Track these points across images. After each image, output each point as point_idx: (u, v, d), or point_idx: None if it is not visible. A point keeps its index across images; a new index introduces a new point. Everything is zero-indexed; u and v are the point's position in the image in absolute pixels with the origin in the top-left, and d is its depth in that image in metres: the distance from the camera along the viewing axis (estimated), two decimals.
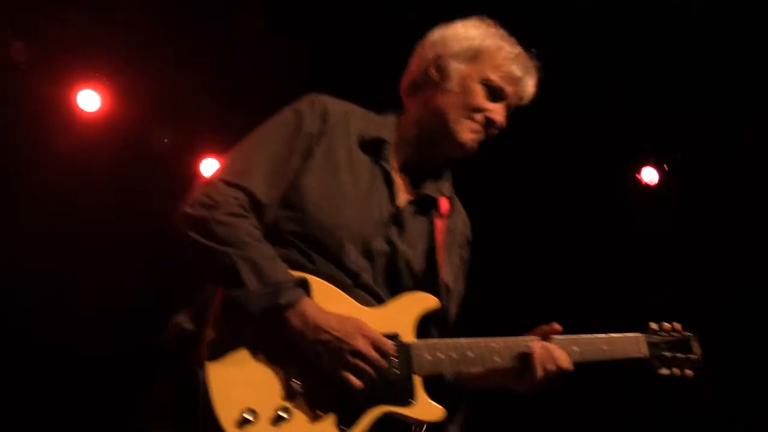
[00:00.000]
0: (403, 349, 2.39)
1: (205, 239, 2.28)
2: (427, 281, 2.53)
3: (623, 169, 6.02)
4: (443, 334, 2.55)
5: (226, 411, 2.20)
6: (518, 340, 2.52)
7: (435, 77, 2.60)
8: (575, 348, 2.56)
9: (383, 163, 2.55)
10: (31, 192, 5.53)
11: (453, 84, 2.58)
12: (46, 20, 5.21)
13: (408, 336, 2.41)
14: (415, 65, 2.67)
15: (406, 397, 2.36)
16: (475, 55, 2.60)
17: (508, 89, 2.61)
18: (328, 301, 2.33)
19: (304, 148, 2.47)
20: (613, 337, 2.66)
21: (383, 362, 2.31)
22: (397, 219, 2.52)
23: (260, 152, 2.44)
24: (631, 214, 5.89)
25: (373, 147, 2.56)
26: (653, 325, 2.75)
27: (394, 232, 2.50)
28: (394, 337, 2.38)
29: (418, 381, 2.38)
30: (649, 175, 5.98)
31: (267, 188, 2.40)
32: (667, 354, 2.73)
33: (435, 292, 2.50)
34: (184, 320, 2.33)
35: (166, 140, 5.73)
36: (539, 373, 2.48)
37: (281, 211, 2.42)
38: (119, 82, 5.52)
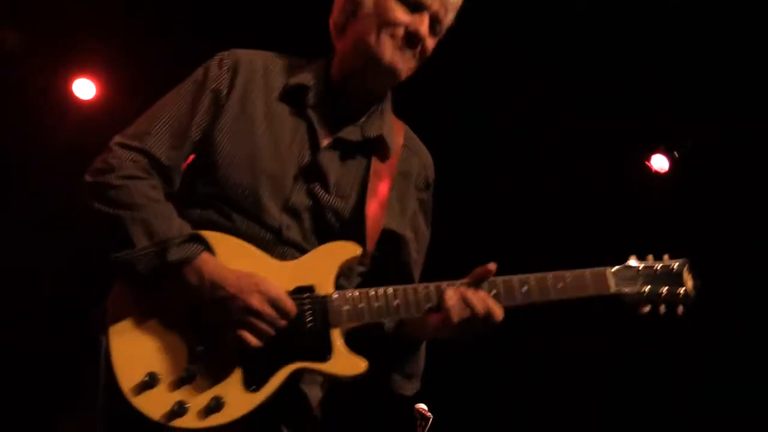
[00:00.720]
0: (318, 301, 2.28)
1: (100, 204, 2.25)
2: (355, 229, 2.39)
3: (633, 157, 6.00)
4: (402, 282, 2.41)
5: (126, 376, 2.18)
6: (444, 283, 2.32)
7: (351, 9, 2.46)
8: (523, 288, 2.31)
9: (307, 111, 2.44)
10: (29, 180, 5.55)
11: (366, 8, 2.43)
12: (40, 8, 5.20)
13: (325, 288, 2.29)
14: (335, 8, 2.54)
15: (322, 352, 2.25)
16: None
17: (428, 0, 2.41)
18: (234, 257, 2.26)
19: (210, 105, 2.39)
20: (571, 273, 2.31)
21: (280, 320, 2.21)
22: (318, 168, 2.40)
23: (162, 114, 2.38)
24: (641, 201, 5.86)
25: (295, 95, 2.44)
26: (633, 259, 2.38)
27: (317, 183, 2.39)
28: (309, 289, 2.29)
29: (336, 334, 2.26)
30: (660, 162, 5.95)
31: (167, 149, 2.34)
32: (645, 289, 2.33)
33: (362, 238, 2.37)
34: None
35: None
36: (453, 319, 2.27)
37: (196, 174, 2.37)
38: (115, 71, 5.51)
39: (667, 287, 2.34)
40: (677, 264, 2.36)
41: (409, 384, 2.50)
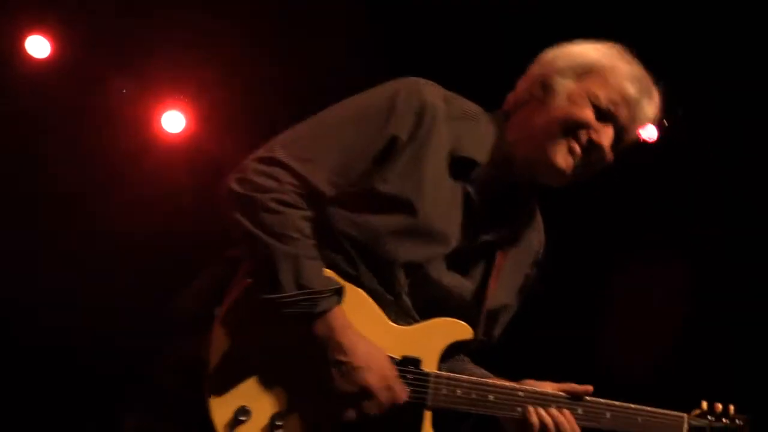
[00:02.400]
0: (422, 377, 2.36)
1: (250, 224, 2.22)
2: (472, 311, 2.48)
3: None
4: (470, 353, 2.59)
5: (220, 407, 2.20)
6: (542, 395, 2.48)
7: (539, 95, 2.47)
8: (607, 415, 2.54)
9: (468, 189, 2.43)
10: None
11: (557, 100, 2.43)
12: None
13: (431, 364, 2.39)
14: (521, 84, 2.55)
15: (411, 429, 2.35)
16: (585, 72, 2.46)
17: (619, 110, 2.44)
18: (356, 312, 2.29)
19: (384, 150, 2.33)
20: (653, 412, 2.63)
21: (388, 407, 2.26)
22: (462, 253, 2.43)
23: (333, 140, 2.32)
24: (628, 172, 5.75)
25: (462, 167, 2.42)
26: (704, 405, 2.71)
27: (457, 266, 2.44)
28: (415, 362, 2.37)
29: (427, 414, 2.37)
30: (648, 131, 5.80)
31: (328, 184, 2.30)
32: None
33: (476, 322, 2.47)
34: (192, 300, 2.34)
35: (124, 90, 5.62)
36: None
37: (340, 209, 2.34)
38: (71, 26, 5.40)
39: None
40: (742, 422, 2.72)
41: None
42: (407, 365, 2.35)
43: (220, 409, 2.20)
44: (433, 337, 2.40)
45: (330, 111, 2.39)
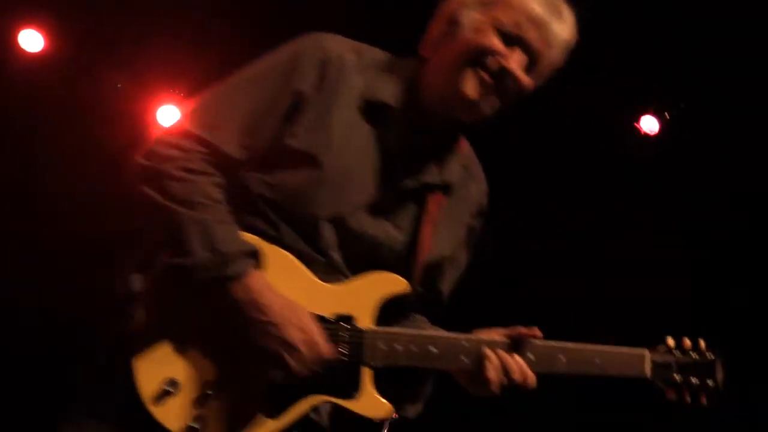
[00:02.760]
0: (356, 334, 2.30)
1: (157, 194, 2.20)
2: (407, 263, 2.42)
3: (620, 118, 5.91)
4: (427, 314, 2.52)
5: (146, 381, 2.19)
6: (485, 341, 2.38)
7: (448, 32, 2.40)
8: (561, 357, 2.42)
9: (389, 137, 2.39)
10: None
11: (464, 32, 2.37)
12: None
13: (365, 320, 2.32)
14: (432, 25, 2.48)
15: (349, 388, 2.29)
16: (490, 1, 2.39)
17: (527, 32, 2.36)
18: (282, 274, 2.26)
19: (290, 107, 2.32)
20: (610, 350, 2.48)
21: (312, 364, 2.22)
22: (387, 201, 2.39)
23: (237, 103, 2.31)
24: (628, 167, 5.80)
25: (376, 113, 2.38)
26: (670, 341, 2.54)
27: (380, 214, 2.39)
28: (348, 319, 2.31)
29: (366, 373, 2.30)
30: (649, 124, 5.86)
31: (237, 147, 2.28)
32: (678, 378, 2.51)
33: (411, 274, 2.40)
34: (121, 284, 2.30)
35: (119, 85, 5.60)
36: (491, 387, 2.35)
37: (255, 173, 2.32)
38: (64, 20, 5.37)
39: (698, 378, 2.51)
40: (712, 356, 2.53)
41: (412, 407, 2.53)
42: (339, 323, 2.30)
43: (147, 383, 2.19)
44: (365, 293, 2.33)
45: (234, 76, 2.36)
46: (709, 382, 2.51)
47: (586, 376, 2.45)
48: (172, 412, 2.19)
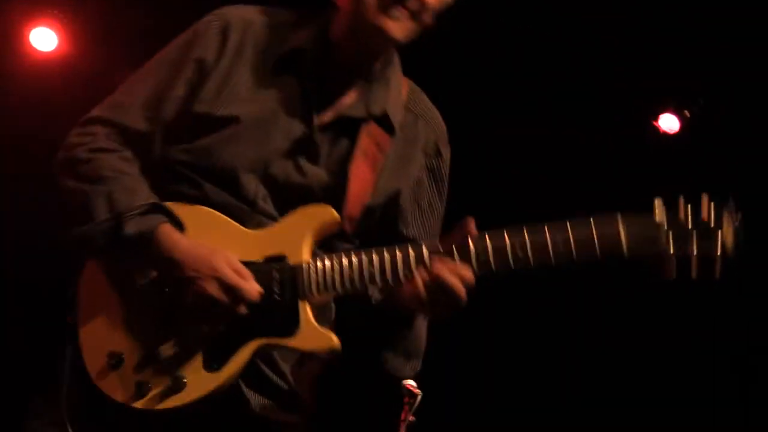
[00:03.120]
0: (287, 270, 2.24)
1: (70, 180, 2.29)
2: (336, 196, 2.34)
3: (639, 116, 5.85)
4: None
5: (92, 357, 2.25)
6: (427, 249, 2.21)
7: None
8: (518, 251, 2.14)
9: (303, 79, 2.37)
10: None
11: None
12: None
13: (297, 256, 2.25)
14: None
15: (288, 326, 2.22)
16: None
17: None
18: (204, 228, 2.26)
19: (193, 75, 2.35)
20: (577, 230, 2.09)
21: (237, 307, 2.18)
22: (310, 142, 2.34)
23: (140, 83, 2.39)
24: (648, 166, 5.72)
25: (289, 63, 2.37)
26: (658, 205, 2.11)
27: (303, 157, 2.34)
28: (279, 258, 2.26)
29: (305, 307, 2.23)
30: (669, 122, 5.81)
31: (142, 120, 2.34)
32: (672, 247, 2.05)
33: (341, 210, 2.31)
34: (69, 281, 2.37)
35: None
36: (424, 296, 2.19)
37: (172, 145, 2.35)
38: (77, 19, 5.35)
39: (698, 244, 2.05)
40: (714, 213, 2.07)
41: (406, 364, 2.43)
42: (268, 264, 2.25)
43: (92, 360, 2.24)
44: (293, 230, 2.28)
45: (143, 66, 2.44)
46: (715, 249, 2.06)
47: (546, 267, 2.12)
48: (116, 383, 2.22)
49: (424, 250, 2.22)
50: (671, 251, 2.07)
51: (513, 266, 2.17)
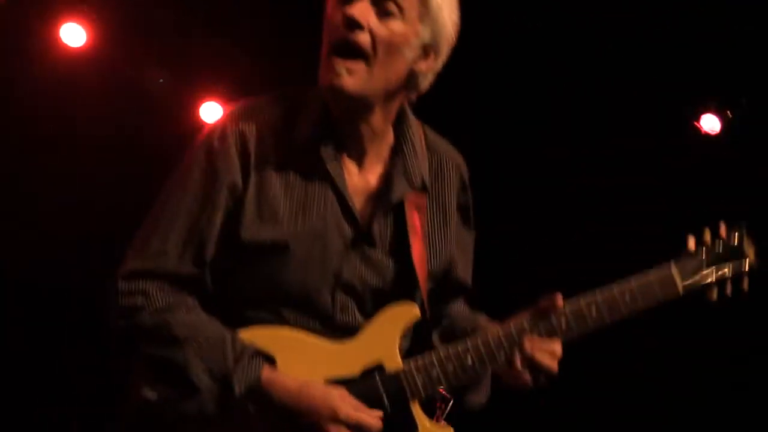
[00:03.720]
0: (391, 380, 2.31)
1: (147, 350, 2.27)
2: (411, 282, 2.41)
3: (679, 116, 5.76)
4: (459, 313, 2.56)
5: None
6: (518, 330, 2.37)
7: None
8: (592, 311, 2.37)
9: (327, 169, 2.35)
10: (10, 137, 5.44)
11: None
12: None
13: (393, 361, 2.33)
14: None
15: (405, 428, 2.32)
16: None
17: None
18: (294, 354, 2.28)
19: (228, 202, 2.31)
20: (637, 281, 2.39)
21: None
22: (364, 236, 2.38)
23: (173, 221, 2.30)
24: (688, 168, 5.67)
25: (308, 152, 2.34)
26: (691, 242, 2.45)
27: (363, 244, 2.38)
28: (378, 368, 2.32)
29: (416, 408, 2.33)
30: (710, 123, 5.70)
31: (190, 264, 2.29)
32: (713, 275, 2.42)
33: (414, 292, 2.40)
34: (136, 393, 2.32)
35: (161, 81, 5.59)
36: (524, 376, 2.37)
37: (230, 280, 2.33)
38: (106, 14, 5.34)
39: (731, 265, 2.42)
40: (737, 235, 2.43)
41: (484, 395, 2.54)
42: (370, 376, 2.31)
43: None
44: (383, 334, 2.34)
45: (163, 196, 2.36)
46: (745, 263, 2.44)
47: (622, 320, 2.38)
48: None
49: (513, 331, 2.36)
50: (713, 279, 2.43)
51: (591, 326, 2.39)
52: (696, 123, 5.74)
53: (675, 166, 5.67)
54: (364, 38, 2.25)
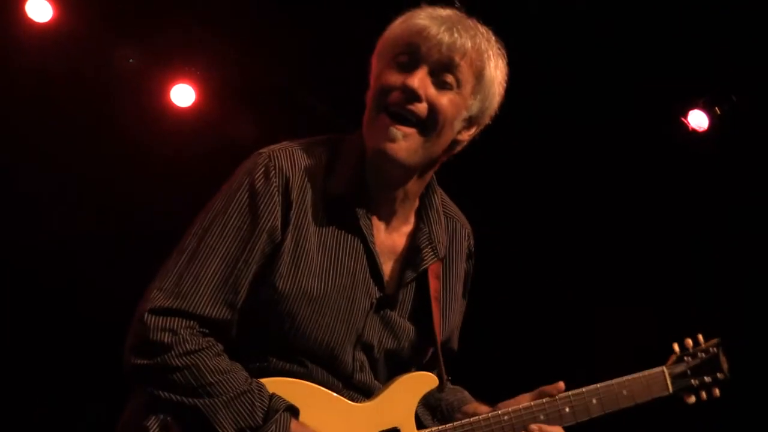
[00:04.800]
0: None
1: (167, 393, 2.23)
2: (426, 347, 2.53)
3: (666, 113, 5.73)
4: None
5: None
6: (525, 410, 2.52)
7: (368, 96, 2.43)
8: (594, 401, 2.60)
9: (360, 225, 2.40)
10: None
11: (371, 87, 2.39)
12: None
13: (409, 428, 2.42)
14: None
15: None
16: (383, 44, 2.41)
17: (417, 48, 2.32)
18: (317, 409, 2.31)
19: (266, 247, 2.32)
20: (633, 379, 2.70)
21: None
22: (388, 298, 2.45)
23: (208, 261, 2.28)
24: (675, 165, 5.66)
25: (341, 206, 2.39)
26: (676, 348, 2.81)
27: (385, 311, 2.45)
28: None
29: None
30: (698, 119, 5.67)
31: (223, 307, 2.28)
32: (694, 382, 2.80)
33: (435, 359, 2.51)
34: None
35: (130, 60, 5.53)
36: None
37: (258, 327, 2.33)
38: None
39: (710, 375, 2.81)
40: (714, 347, 2.83)
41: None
42: None
43: None
44: (402, 400, 2.44)
45: (196, 226, 2.34)
46: (719, 375, 2.81)
47: (619, 411, 2.65)
48: None
49: (523, 413, 2.51)
50: (696, 384, 2.81)
51: (591, 415, 2.61)
52: (683, 119, 5.71)
53: (660, 164, 5.67)
54: (422, 109, 2.33)
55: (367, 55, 2.48)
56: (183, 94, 5.61)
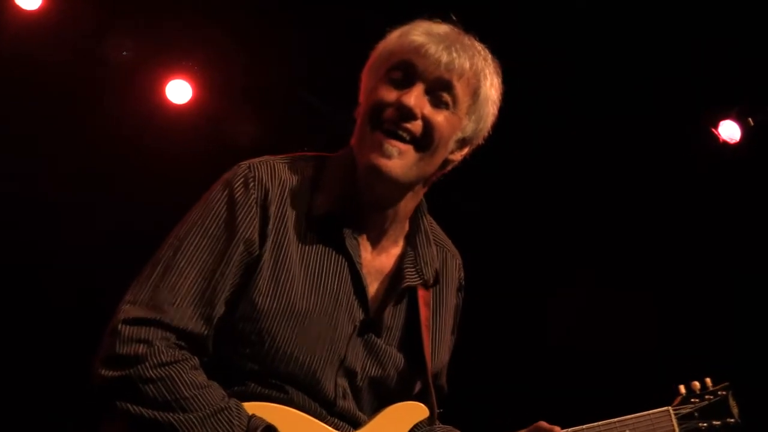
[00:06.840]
0: None
1: (138, 407, 2.19)
2: (415, 377, 2.51)
3: (697, 123, 5.70)
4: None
5: None
6: None
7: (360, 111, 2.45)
8: None
9: (345, 245, 2.40)
10: None
11: (363, 103, 2.41)
12: None
13: None
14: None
15: None
16: (377, 59, 2.43)
17: (416, 67, 2.35)
18: None
19: (243, 259, 2.31)
20: (637, 417, 2.69)
21: None
22: (373, 323, 2.43)
23: (184, 271, 2.27)
24: (705, 178, 5.63)
25: (327, 225, 2.39)
26: (682, 390, 2.80)
27: (371, 334, 2.43)
28: None
29: None
30: (730, 130, 5.63)
31: (199, 320, 2.27)
32: (702, 425, 2.78)
33: (425, 390, 2.50)
34: None
35: (124, 53, 5.48)
36: None
37: (236, 346, 2.31)
38: None
39: (719, 420, 2.80)
40: (723, 392, 2.83)
41: None
42: None
43: None
44: (391, 430, 2.43)
45: (174, 240, 2.33)
46: (729, 420, 2.80)
47: None
48: None
49: None
50: (704, 426, 2.79)
51: None
52: (714, 130, 5.67)
53: (690, 177, 5.65)
54: (417, 126, 2.36)
55: (365, 53, 2.47)
56: (179, 90, 5.58)
